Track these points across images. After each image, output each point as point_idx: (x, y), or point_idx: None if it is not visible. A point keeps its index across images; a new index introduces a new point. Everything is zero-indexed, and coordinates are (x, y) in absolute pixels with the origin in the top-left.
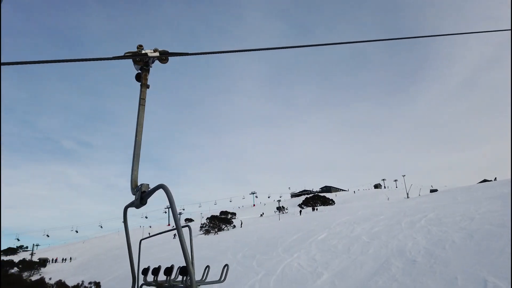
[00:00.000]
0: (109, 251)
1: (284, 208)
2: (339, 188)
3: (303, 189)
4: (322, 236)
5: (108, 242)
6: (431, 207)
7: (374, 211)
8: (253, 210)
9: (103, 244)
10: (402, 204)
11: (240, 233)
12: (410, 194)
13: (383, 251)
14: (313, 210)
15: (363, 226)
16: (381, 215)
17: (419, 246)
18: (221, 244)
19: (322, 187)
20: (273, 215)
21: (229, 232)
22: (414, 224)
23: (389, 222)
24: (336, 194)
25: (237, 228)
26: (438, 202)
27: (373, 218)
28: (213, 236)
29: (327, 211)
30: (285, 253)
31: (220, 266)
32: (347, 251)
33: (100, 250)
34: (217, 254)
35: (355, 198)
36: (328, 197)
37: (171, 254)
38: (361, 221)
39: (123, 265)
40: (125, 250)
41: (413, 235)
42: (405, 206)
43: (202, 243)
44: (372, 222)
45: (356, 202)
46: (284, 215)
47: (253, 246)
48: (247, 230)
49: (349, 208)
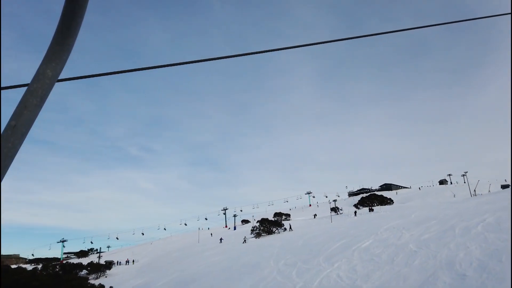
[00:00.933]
0: (169, 254)
1: (338, 209)
2: (400, 186)
3: (361, 188)
4: (366, 244)
5: (169, 244)
6: (493, 208)
7: (430, 213)
8: (308, 211)
9: (166, 246)
10: (462, 205)
11: (288, 237)
12: (479, 190)
13: (431, 263)
14: (370, 211)
15: (412, 232)
16: (434, 218)
17: (471, 257)
18: (268, 249)
19: (382, 185)
20: (326, 217)
21: (279, 236)
22: (469, 230)
23: (441, 227)
24: (397, 192)
25: (287, 232)
26: (503, 202)
27: (425, 222)
28: (263, 239)
29: (384, 211)
30: (326, 262)
31: (260, 275)
32: (391, 261)
33: (162, 252)
34: (261, 261)
35: (417, 196)
36: (387, 196)
37: (223, 258)
38: (411, 226)
39: (179, 268)
40: (184, 252)
41: (466, 244)
42: (464, 208)
43: (250, 247)
44: (423, 227)
45: (417, 200)
46: (338, 216)
47: (296, 253)
48: (296, 233)
49: (405, 209)
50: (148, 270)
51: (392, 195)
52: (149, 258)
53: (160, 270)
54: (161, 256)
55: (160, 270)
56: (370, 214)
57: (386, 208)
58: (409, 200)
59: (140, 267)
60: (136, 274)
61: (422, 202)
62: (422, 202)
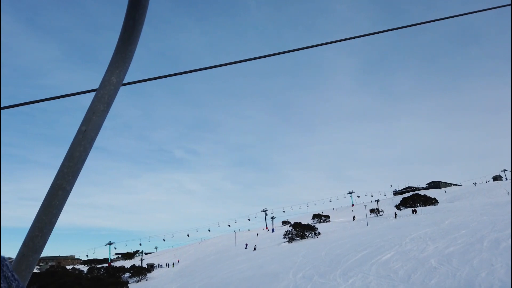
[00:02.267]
0: (206, 257)
1: (378, 211)
2: (449, 183)
3: (407, 186)
4: (387, 256)
5: (209, 246)
6: None
7: (465, 219)
8: (350, 211)
9: (207, 248)
10: (500, 210)
11: (315, 244)
12: None
13: (448, 283)
14: (413, 213)
15: (438, 244)
16: (466, 227)
17: (494, 277)
18: (294, 257)
19: (429, 182)
20: (365, 219)
21: (308, 242)
22: (499, 243)
23: (470, 238)
24: (446, 190)
25: (319, 236)
26: None
27: (455, 231)
28: (295, 244)
29: (424, 214)
30: (342, 276)
31: None
32: (407, 279)
33: (202, 255)
34: (281, 271)
35: (467, 194)
36: (433, 195)
37: (248, 266)
38: (439, 236)
39: (209, 274)
40: (219, 256)
41: (491, 260)
42: (502, 213)
43: (279, 254)
44: (451, 237)
45: (465, 200)
46: (376, 218)
47: (316, 264)
48: (325, 239)
49: (444, 212)
50: (184, 274)
51: (440, 194)
52: (189, 261)
53: (193, 275)
54: (199, 259)
55: (193, 275)
56: (410, 217)
57: (429, 210)
58: (458, 199)
59: (178, 270)
60: (173, 277)
61: (470, 201)
62: (470, 202)
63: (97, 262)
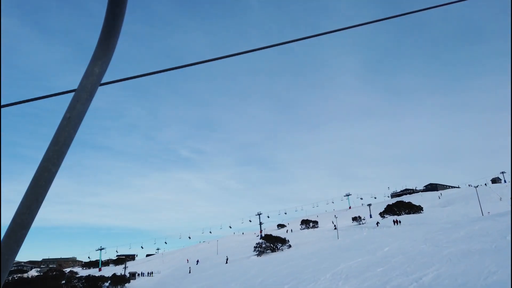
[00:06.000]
0: (184, 267)
1: (361, 219)
2: (447, 185)
3: (405, 188)
4: None
5: (197, 252)
6: (459, 250)
7: (405, 246)
8: (346, 214)
9: (195, 254)
10: (450, 234)
11: (275, 260)
12: None
13: None
14: (395, 224)
15: (349, 284)
16: (387, 263)
17: None
18: (242, 276)
19: (427, 184)
20: (348, 227)
21: (278, 255)
22: None
23: (380, 279)
24: (442, 193)
25: (289, 250)
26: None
27: (373, 268)
28: (264, 258)
29: (404, 225)
30: None
31: None
32: None
33: (182, 263)
34: None
35: (462, 198)
36: (426, 198)
37: (203, 285)
38: (356, 273)
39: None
40: (196, 267)
41: None
42: (445, 240)
43: (235, 270)
44: (363, 277)
45: (458, 205)
46: (357, 227)
47: None
48: (287, 255)
49: (409, 229)
50: (156, 286)
51: (434, 197)
52: (170, 270)
53: None
54: (178, 268)
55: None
56: (389, 229)
57: (409, 220)
58: (451, 203)
59: (157, 281)
60: None
61: (462, 206)
62: (461, 208)
63: (96, 265)
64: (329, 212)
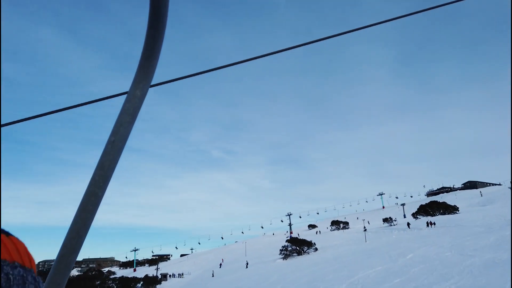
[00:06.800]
0: (214, 268)
1: (392, 220)
2: (487, 183)
3: (441, 187)
4: None
5: (227, 253)
6: None
7: (429, 254)
8: (379, 214)
9: (225, 255)
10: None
11: (300, 264)
12: None
13: None
14: (428, 226)
15: None
16: (406, 273)
17: None
18: (266, 281)
19: (465, 182)
20: (380, 228)
21: (304, 259)
22: None
23: None
24: (482, 191)
25: (315, 253)
26: None
27: (392, 278)
28: (290, 261)
29: (438, 227)
30: None
31: None
32: None
33: (212, 264)
34: None
35: (503, 196)
36: (464, 197)
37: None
38: (372, 284)
39: None
40: (225, 268)
41: None
42: (473, 245)
43: (260, 276)
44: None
45: (499, 203)
46: (387, 229)
47: None
48: (314, 259)
49: (438, 233)
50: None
51: (474, 196)
52: (200, 272)
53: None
54: (208, 270)
55: None
56: (421, 231)
57: (443, 221)
58: (491, 202)
59: (186, 282)
60: None
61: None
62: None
63: (132, 265)
64: (361, 212)
